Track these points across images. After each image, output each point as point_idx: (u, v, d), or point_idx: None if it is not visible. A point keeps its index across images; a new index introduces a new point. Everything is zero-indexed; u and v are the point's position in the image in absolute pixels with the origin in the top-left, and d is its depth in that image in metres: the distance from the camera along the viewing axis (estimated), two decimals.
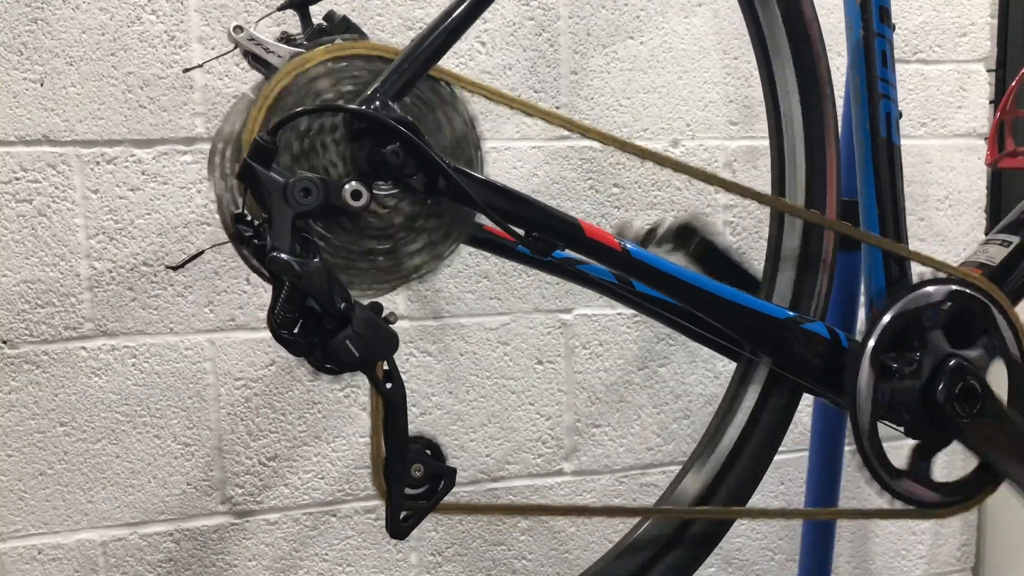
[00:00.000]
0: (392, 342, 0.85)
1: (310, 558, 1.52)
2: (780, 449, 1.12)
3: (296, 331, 0.82)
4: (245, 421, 1.46)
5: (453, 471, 0.90)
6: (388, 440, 0.87)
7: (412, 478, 0.88)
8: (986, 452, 1.04)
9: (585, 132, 0.96)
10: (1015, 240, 1.09)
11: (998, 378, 1.07)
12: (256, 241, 0.82)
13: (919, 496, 1.06)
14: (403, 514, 0.89)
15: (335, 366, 0.83)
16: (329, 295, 0.81)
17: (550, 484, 1.62)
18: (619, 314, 1.61)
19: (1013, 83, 1.30)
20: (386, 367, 0.87)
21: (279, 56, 0.88)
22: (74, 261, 1.37)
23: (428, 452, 0.90)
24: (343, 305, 0.82)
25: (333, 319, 0.82)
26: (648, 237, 1.12)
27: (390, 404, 0.87)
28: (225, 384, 1.45)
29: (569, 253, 0.99)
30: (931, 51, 1.74)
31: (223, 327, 1.44)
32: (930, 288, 1.04)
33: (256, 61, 0.91)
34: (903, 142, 1.09)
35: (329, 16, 0.94)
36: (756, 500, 1.13)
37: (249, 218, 0.83)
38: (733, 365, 1.13)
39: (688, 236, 1.12)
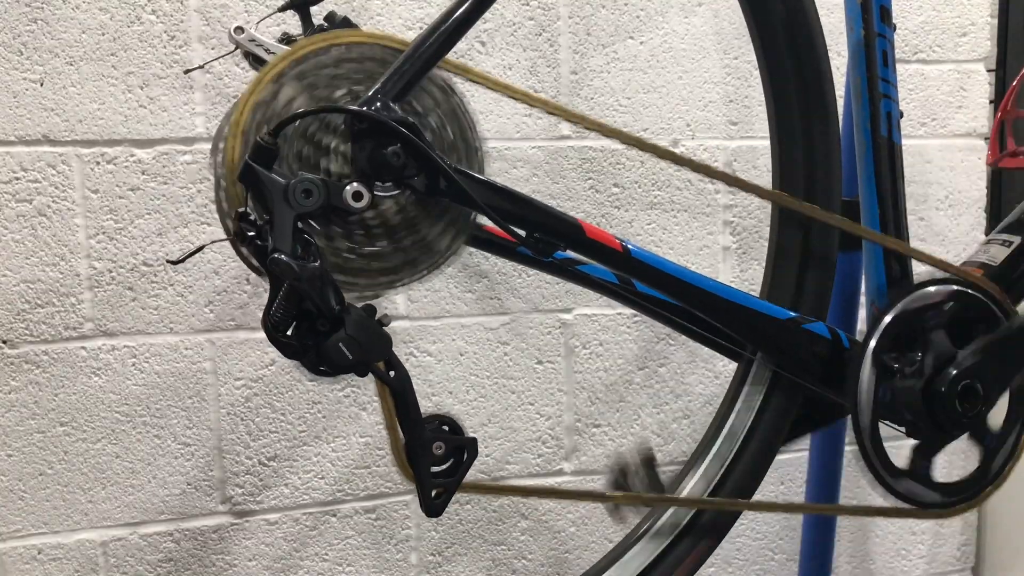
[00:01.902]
0: (385, 344, 0.85)
1: (310, 558, 1.52)
2: (780, 449, 1.12)
3: (290, 333, 0.82)
4: (245, 421, 1.46)
5: (474, 441, 0.91)
6: (403, 425, 0.88)
7: (435, 456, 0.90)
8: None
9: (606, 132, 0.96)
10: (1016, 240, 1.09)
11: None
12: (258, 242, 0.82)
13: (920, 496, 1.06)
14: (434, 492, 0.90)
15: (329, 368, 0.84)
16: (326, 298, 0.81)
17: (550, 484, 1.62)
18: (619, 314, 1.61)
19: (1014, 83, 1.30)
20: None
21: None
22: (74, 261, 1.37)
23: (445, 428, 0.91)
24: (337, 308, 0.82)
25: (327, 321, 0.82)
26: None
27: (397, 391, 0.87)
28: (225, 384, 1.45)
29: (570, 254, 0.99)
30: (931, 51, 1.74)
31: (223, 327, 1.44)
32: (931, 288, 1.04)
33: (257, 62, 0.91)
34: (903, 142, 1.09)
35: (330, 17, 0.94)
36: (756, 500, 1.12)
37: (252, 217, 0.82)
38: (733, 365, 1.13)
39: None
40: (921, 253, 1.05)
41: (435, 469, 0.90)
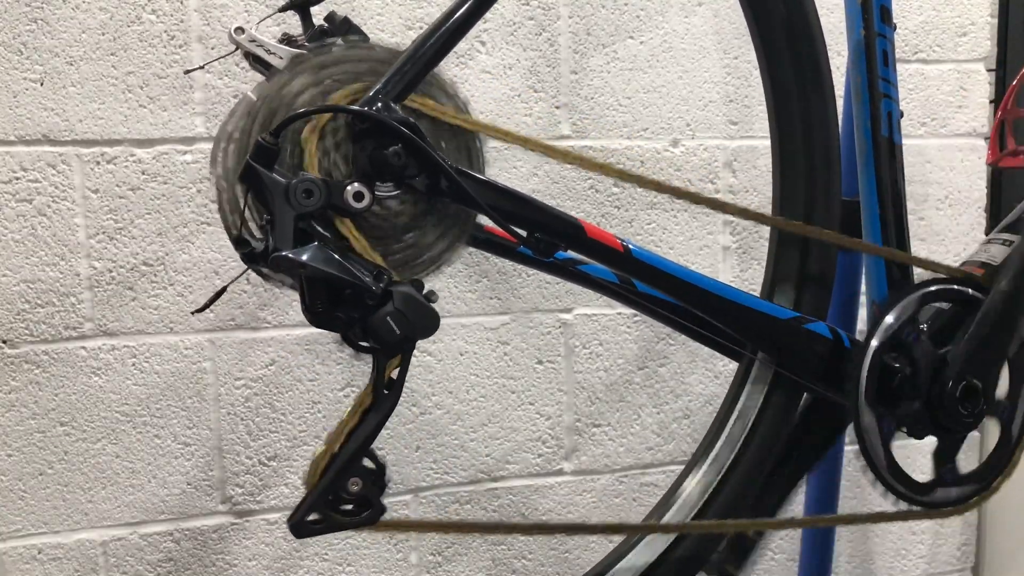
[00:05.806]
0: (433, 320, 0.84)
1: (310, 558, 1.52)
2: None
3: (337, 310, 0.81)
4: (245, 421, 1.46)
5: (382, 509, 0.86)
6: (348, 441, 0.85)
7: (345, 488, 0.85)
8: None
9: (605, 172, 0.96)
10: (1017, 239, 1.09)
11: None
12: (256, 251, 0.82)
13: (922, 495, 1.06)
14: (313, 516, 0.85)
15: (376, 343, 0.82)
16: (348, 272, 0.80)
17: (550, 484, 1.62)
18: (619, 314, 1.61)
19: (1014, 82, 1.30)
20: (395, 375, 0.85)
21: (280, 57, 0.88)
22: (74, 261, 1.37)
23: (372, 479, 0.86)
24: (381, 282, 0.81)
25: (372, 295, 0.81)
26: None
27: (375, 408, 0.85)
28: (225, 384, 1.45)
29: (571, 254, 0.99)
30: (931, 51, 1.74)
31: (223, 327, 1.44)
32: (932, 288, 1.04)
33: (257, 62, 0.91)
34: (903, 142, 1.09)
35: (330, 17, 0.94)
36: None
37: (245, 237, 0.82)
38: (734, 365, 1.13)
39: None
40: (920, 260, 1.05)
41: (332, 498, 0.85)
